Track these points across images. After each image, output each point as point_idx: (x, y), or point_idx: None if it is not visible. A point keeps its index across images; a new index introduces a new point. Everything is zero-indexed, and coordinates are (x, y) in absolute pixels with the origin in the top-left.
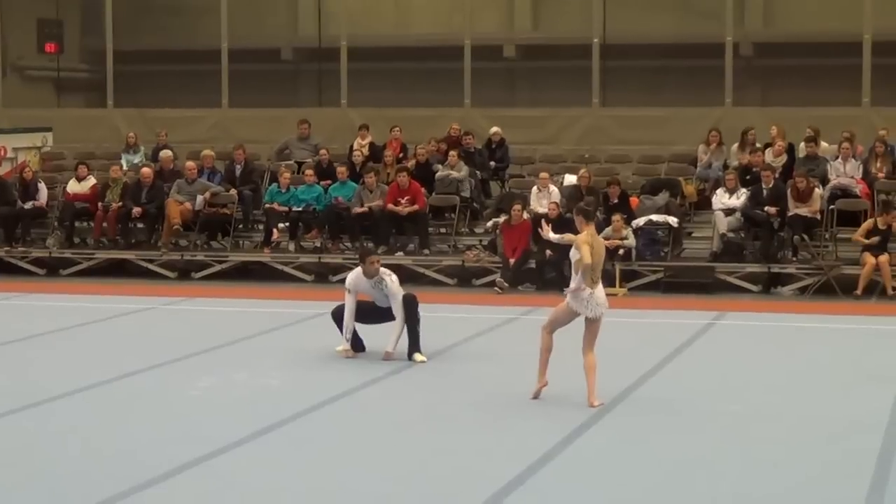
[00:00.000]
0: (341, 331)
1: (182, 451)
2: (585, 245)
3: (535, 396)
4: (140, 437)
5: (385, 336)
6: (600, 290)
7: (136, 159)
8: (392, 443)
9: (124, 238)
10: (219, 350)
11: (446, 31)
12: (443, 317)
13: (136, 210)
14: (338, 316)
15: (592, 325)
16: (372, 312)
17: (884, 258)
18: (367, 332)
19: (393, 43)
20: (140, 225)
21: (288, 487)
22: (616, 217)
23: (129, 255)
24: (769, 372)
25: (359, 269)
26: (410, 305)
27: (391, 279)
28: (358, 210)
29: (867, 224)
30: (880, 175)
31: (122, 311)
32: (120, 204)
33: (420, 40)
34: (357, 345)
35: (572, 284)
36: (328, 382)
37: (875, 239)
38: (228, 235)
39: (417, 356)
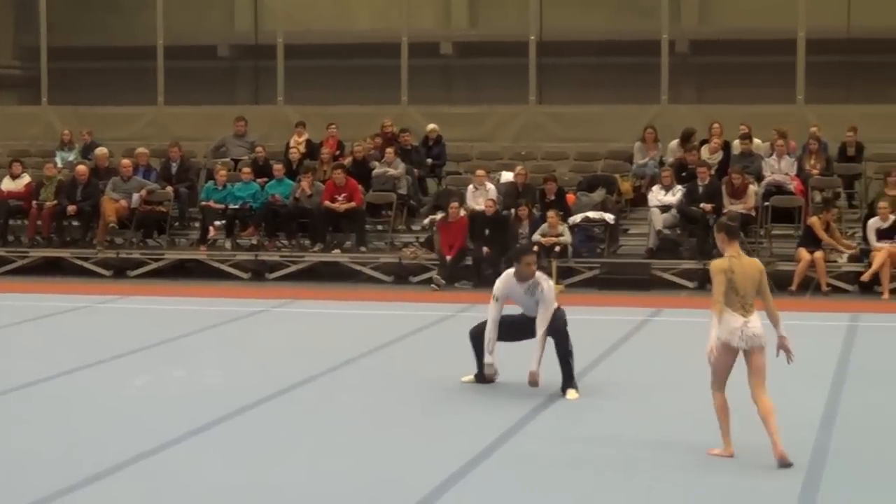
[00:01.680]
0: (478, 354)
1: (119, 450)
2: (719, 274)
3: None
4: (76, 436)
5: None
6: (755, 318)
7: (71, 157)
8: (330, 440)
9: (59, 236)
10: (155, 348)
11: (383, 28)
12: (379, 314)
13: (71, 208)
14: (477, 336)
15: (753, 358)
16: (515, 327)
17: (819, 254)
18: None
19: (330, 40)
20: (75, 223)
21: (225, 486)
22: (552, 214)
23: (63, 253)
24: (704, 368)
25: (510, 272)
26: (561, 332)
27: (548, 284)
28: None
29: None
30: (814, 172)
31: (57, 309)
32: (54, 202)
33: (357, 37)
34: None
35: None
36: (266, 380)
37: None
38: (164, 233)
39: (571, 393)
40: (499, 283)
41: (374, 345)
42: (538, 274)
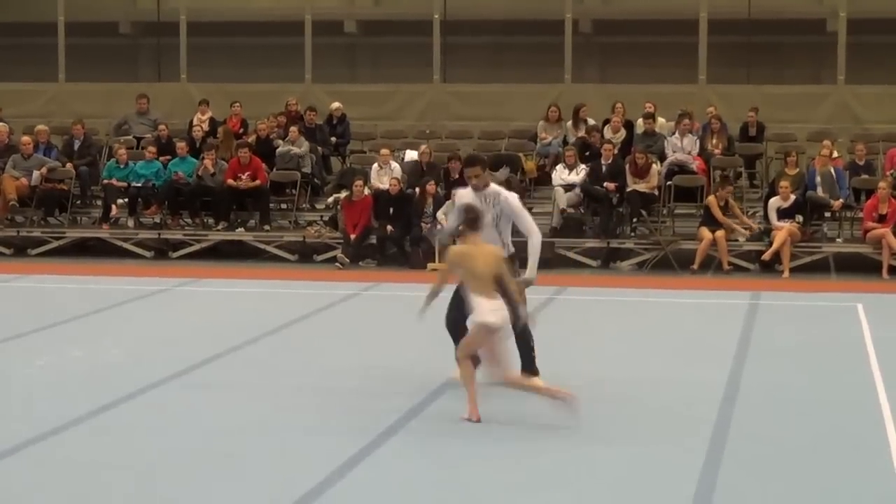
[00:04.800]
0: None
1: (18, 430)
2: (452, 257)
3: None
4: None
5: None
6: (499, 301)
7: None
8: (229, 421)
9: None
10: (56, 327)
11: (287, 6)
12: (284, 293)
13: None
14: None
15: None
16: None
17: (720, 233)
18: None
19: (233, 17)
20: None
21: (123, 466)
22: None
23: None
24: (608, 346)
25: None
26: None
27: (511, 194)
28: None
29: (713, 199)
30: (717, 151)
31: None
32: None
33: (261, 15)
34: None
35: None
36: (168, 359)
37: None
38: (66, 211)
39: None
40: (459, 191)
41: (279, 323)
42: (494, 185)
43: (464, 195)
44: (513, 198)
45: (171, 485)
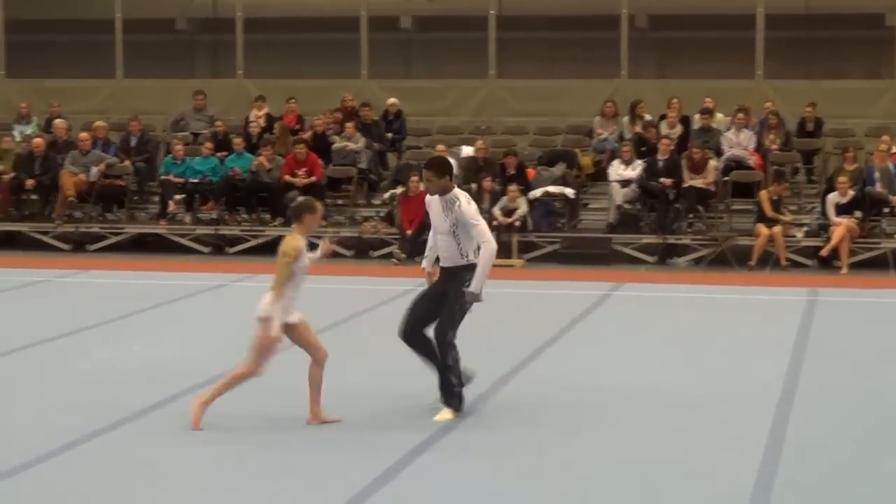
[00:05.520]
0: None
1: (77, 425)
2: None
3: None
4: (33, 411)
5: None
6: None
7: (29, 130)
8: (288, 413)
9: (17, 210)
10: (114, 323)
11: (343, 1)
12: (340, 288)
13: (29, 182)
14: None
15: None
16: (426, 301)
17: (777, 229)
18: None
19: (289, 13)
20: (33, 196)
21: (183, 461)
22: (512, 188)
23: (22, 227)
24: (664, 342)
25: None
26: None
27: (467, 201)
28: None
29: (765, 194)
30: (774, 147)
31: (16, 283)
32: (13, 175)
33: (317, 11)
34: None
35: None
36: (225, 355)
37: None
38: (124, 207)
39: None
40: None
41: (335, 319)
42: (457, 190)
43: (430, 200)
44: (466, 205)
45: (225, 489)
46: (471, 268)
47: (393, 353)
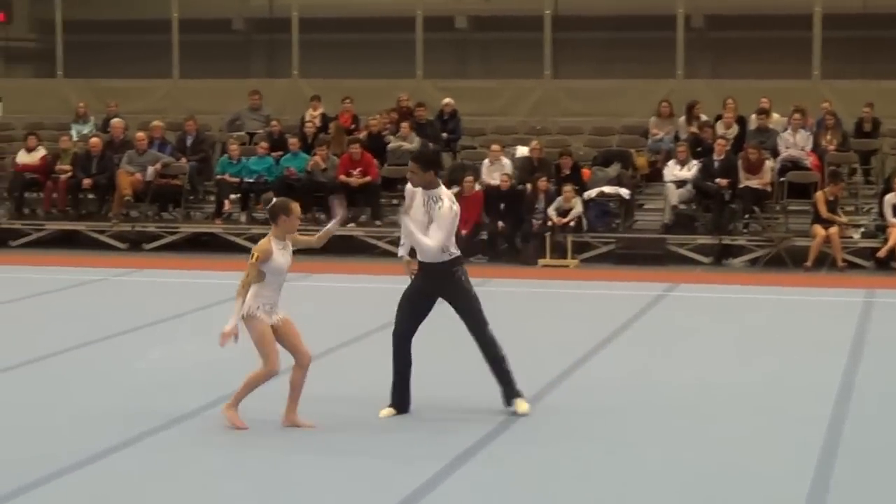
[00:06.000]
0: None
1: (132, 423)
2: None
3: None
4: (87, 410)
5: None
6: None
7: (86, 130)
8: (346, 411)
9: (74, 209)
10: (169, 322)
11: (398, 2)
12: (395, 288)
13: (87, 181)
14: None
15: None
16: (411, 303)
17: (833, 230)
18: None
19: (345, 14)
20: (90, 196)
21: (237, 461)
22: (567, 188)
23: (79, 226)
24: (720, 343)
25: None
26: (481, 333)
27: (449, 202)
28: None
29: (821, 195)
30: (831, 147)
31: (73, 282)
32: (70, 174)
33: (372, 11)
34: (403, 400)
35: None
36: (280, 354)
37: None
38: (179, 206)
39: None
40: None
41: (391, 318)
42: (442, 189)
43: (413, 191)
44: (447, 210)
45: (275, 487)
46: (456, 262)
47: (448, 351)
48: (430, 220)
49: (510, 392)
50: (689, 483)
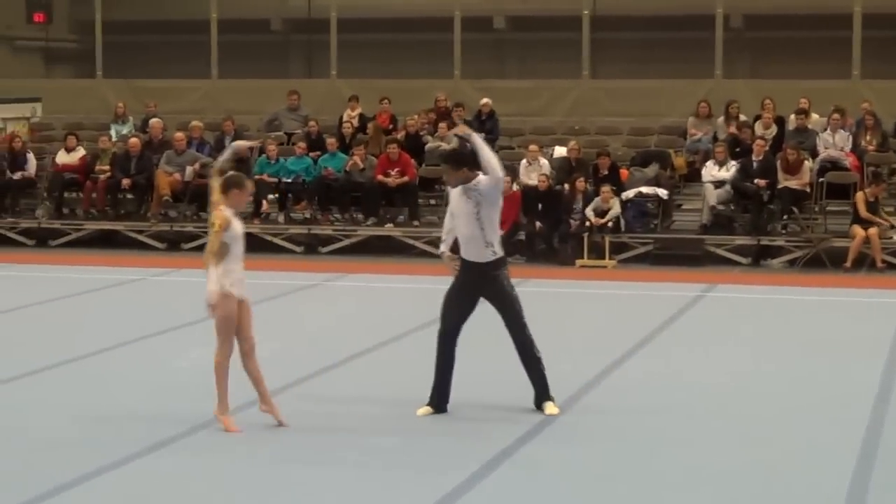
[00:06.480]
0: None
1: (170, 424)
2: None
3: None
4: (125, 410)
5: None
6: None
7: (125, 130)
8: (385, 412)
9: (113, 209)
10: (208, 322)
11: (436, 2)
12: (433, 288)
13: (125, 181)
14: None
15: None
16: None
17: (873, 231)
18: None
19: (383, 14)
20: (129, 196)
21: (280, 455)
22: (605, 189)
23: (118, 225)
24: (758, 344)
25: None
26: (518, 332)
27: (485, 177)
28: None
29: (861, 196)
30: (870, 148)
31: (112, 282)
32: (109, 174)
33: (410, 11)
34: (442, 399)
35: None
36: (319, 354)
37: None
38: None
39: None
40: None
41: (428, 318)
42: (480, 175)
43: (454, 191)
44: (484, 177)
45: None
46: (500, 263)
47: (484, 351)
48: (477, 204)
49: (542, 395)
50: (726, 484)
